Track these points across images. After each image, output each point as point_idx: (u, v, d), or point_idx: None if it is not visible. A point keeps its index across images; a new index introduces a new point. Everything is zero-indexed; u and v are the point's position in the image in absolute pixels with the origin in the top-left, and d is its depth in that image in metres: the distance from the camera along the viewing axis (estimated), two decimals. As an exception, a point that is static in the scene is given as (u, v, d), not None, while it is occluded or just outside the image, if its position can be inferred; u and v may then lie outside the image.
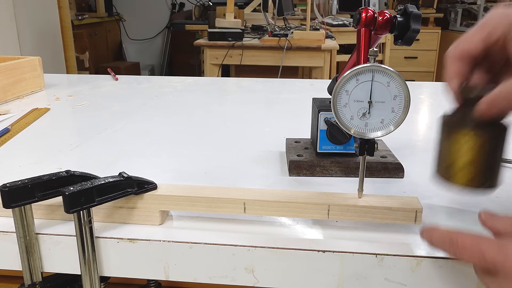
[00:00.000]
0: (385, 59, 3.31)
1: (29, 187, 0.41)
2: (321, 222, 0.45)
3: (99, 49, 4.41)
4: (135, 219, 0.45)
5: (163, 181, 0.46)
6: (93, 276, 0.42)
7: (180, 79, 1.24)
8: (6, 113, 0.86)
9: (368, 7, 0.45)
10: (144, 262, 0.43)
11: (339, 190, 0.52)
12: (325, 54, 2.48)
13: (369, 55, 0.41)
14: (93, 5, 4.46)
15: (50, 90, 1.09)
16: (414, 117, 0.87)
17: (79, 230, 0.41)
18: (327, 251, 0.40)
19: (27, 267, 0.43)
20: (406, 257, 0.40)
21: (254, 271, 0.42)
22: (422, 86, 1.22)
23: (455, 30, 4.16)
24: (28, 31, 2.53)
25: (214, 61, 2.55)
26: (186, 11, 4.94)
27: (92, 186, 0.40)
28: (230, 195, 0.44)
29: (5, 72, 0.96)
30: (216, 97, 1.07)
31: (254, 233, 0.44)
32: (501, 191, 0.53)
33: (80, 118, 0.86)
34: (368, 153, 0.43)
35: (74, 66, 3.16)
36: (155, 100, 1.00)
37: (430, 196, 0.51)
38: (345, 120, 0.42)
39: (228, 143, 0.71)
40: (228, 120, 0.85)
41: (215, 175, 0.57)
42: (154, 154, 0.65)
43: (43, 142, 0.71)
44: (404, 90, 0.41)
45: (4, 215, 0.45)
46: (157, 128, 0.79)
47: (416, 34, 0.45)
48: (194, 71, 4.56)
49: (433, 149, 0.43)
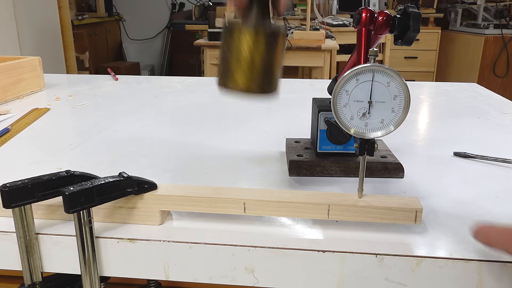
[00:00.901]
0: (385, 59, 3.31)
1: (29, 187, 0.41)
2: (321, 222, 0.45)
3: (99, 49, 4.41)
4: (135, 219, 0.45)
5: (163, 181, 0.46)
6: (93, 276, 0.42)
7: (180, 79, 1.24)
8: (6, 113, 0.86)
9: (368, 7, 0.45)
10: (144, 262, 0.43)
11: (339, 190, 0.53)
12: (325, 54, 2.48)
13: (369, 55, 0.41)
14: (93, 5, 4.45)
15: (50, 90, 1.09)
16: (414, 117, 0.87)
17: (79, 230, 0.41)
18: (327, 251, 0.40)
19: (27, 267, 0.43)
20: (406, 257, 0.40)
21: (254, 271, 0.42)
22: (422, 86, 1.22)
23: (455, 30, 4.16)
24: (28, 31, 2.53)
25: (214, 61, 2.55)
26: (186, 11, 4.94)
27: (92, 186, 0.40)
28: (230, 195, 0.44)
29: (5, 72, 0.96)
30: (216, 97, 1.07)
31: (254, 233, 0.44)
32: (501, 191, 0.53)
33: (80, 118, 0.86)
34: (368, 153, 0.43)
35: (74, 66, 3.16)
36: (155, 100, 1.00)
37: (430, 196, 0.51)
38: (345, 120, 0.42)
39: (228, 143, 0.71)
40: (228, 120, 0.85)
41: (215, 175, 0.57)
42: (154, 154, 0.65)
43: (43, 142, 0.71)
44: (404, 90, 0.41)
45: (4, 215, 0.45)
46: (157, 128, 0.79)
47: (416, 34, 0.45)
48: (194, 71, 4.56)
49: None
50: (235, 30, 0.40)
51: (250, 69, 0.40)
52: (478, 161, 0.63)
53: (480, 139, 0.73)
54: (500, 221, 0.46)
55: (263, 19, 0.41)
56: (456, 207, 0.49)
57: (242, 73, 0.40)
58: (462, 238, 0.42)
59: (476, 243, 0.41)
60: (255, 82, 0.40)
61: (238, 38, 0.40)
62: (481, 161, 0.63)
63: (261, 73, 0.40)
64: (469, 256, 0.39)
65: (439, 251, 0.40)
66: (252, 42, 0.39)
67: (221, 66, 0.42)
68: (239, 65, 0.40)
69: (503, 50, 3.76)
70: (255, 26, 0.40)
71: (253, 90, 0.41)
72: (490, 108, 0.93)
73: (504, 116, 0.86)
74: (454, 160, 0.63)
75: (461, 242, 0.42)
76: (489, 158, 0.62)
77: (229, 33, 0.40)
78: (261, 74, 0.40)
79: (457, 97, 1.05)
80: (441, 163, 0.62)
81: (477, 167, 0.61)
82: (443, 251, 0.40)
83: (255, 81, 0.40)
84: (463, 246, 0.41)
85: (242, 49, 0.40)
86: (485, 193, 0.52)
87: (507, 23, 3.81)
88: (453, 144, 0.70)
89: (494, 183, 0.55)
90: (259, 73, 0.40)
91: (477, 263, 0.39)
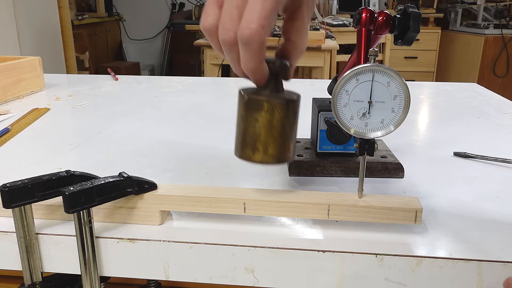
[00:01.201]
0: (385, 59, 3.31)
1: (29, 187, 0.41)
2: (321, 222, 0.45)
3: (99, 49, 4.42)
4: (135, 219, 0.45)
5: (163, 181, 0.46)
6: (93, 276, 0.42)
7: (180, 79, 1.24)
8: (6, 113, 0.86)
9: (368, 7, 0.45)
10: (144, 262, 0.43)
11: (339, 190, 0.53)
12: (325, 54, 2.48)
13: (369, 55, 0.41)
14: (93, 5, 4.45)
15: (50, 90, 1.09)
16: (414, 117, 0.87)
17: (79, 230, 0.41)
18: (327, 251, 0.40)
19: (27, 267, 0.43)
20: (406, 257, 0.40)
21: (254, 271, 0.42)
22: (422, 86, 1.22)
23: (455, 30, 4.16)
24: (28, 31, 2.53)
25: (214, 61, 2.55)
26: (186, 11, 4.94)
27: (92, 186, 0.40)
28: (230, 195, 0.44)
29: (5, 72, 0.96)
30: (216, 97, 1.07)
31: (254, 233, 0.44)
32: (501, 191, 0.53)
33: (80, 118, 0.86)
34: (368, 153, 0.43)
35: (74, 66, 3.16)
36: (155, 100, 1.00)
37: (430, 196, 0.51)
38: (345, 120, 0.42)
39: (228, 143, 0.70)
40: (228, 120, 0.85)
41: (215, 175, 0.57)
42: (154, 154, 0.65)
43: (43, 142, 0.71)
44: (404, 90, 0.41)
45: (4, 215, 0.45)
46: (157, 128, 0.79)
47: (416, 34, 0.45)
48: (194, 71, 4.56)
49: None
50: (255, 103, 0.40)
51: (274, 141, 0.40)
52: (478, 161, 0.63)
53: (480, 139, 0.73)
54: (500, 221, 0.46)
55: (278, 90, 0.41)
56: (456, 207, 0.49)
57: (256, 147, 0.40)
58: (462, 238, 0.43)
59: (476, 243, 0.41)
60: (279, 153, 0.41)
61: (259, 112, 0.40)
62: (481, 161, 0.63)
63: (282, 144, 0.41)
64: (469, 256, 0.39)
65: (439, 251, 0.40)
66: (280, 116, 0.40)
67: (240, 137, 0.42)
68: (260, 138, 0.40)
69: (503, 50, 3.76)
70: (280, 99, 0.40)
71: (275, 161, 0.41)
72: (490, 108, 0.93)
73: (504, 116, 0.86)
74: (454, 160, 0.63)
75: (461, 242, 0.42)
76: (489, 158, 0.62)
77: (250, 106, 0.40)
78: (282, 144, 0.41)
79: (457, 97, 1.05)
80: (441, 163, 0.62)
81: (477, 167, 0.61)
82: (443, 251, 0.40)
83: (279, 152, 0.41)
84: (463, 246, 0.41)
85: (266, 122, 0.40)
86: (485, 193, 0.52)
87: (507, 23, 3.81)
88: (453, 144, 0.70)
89: (494, 183, 0.55)
90: (280, 144, 0.41)
91: (477, 263, 0.39)
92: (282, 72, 0.41)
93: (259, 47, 0.36)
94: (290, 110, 0.40)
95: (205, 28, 0.39)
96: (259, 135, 0.40)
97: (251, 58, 0.37)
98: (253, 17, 0.35)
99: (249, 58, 0.37)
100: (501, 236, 0.43)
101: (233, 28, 0.36)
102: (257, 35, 0.35)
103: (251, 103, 0.40)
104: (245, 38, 0.35)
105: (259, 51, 0.37)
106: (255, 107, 0.40)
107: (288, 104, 0.40)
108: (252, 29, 0.35)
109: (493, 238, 0.42)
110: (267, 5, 0.35)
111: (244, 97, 0.40)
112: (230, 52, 0.38)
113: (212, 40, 0.39)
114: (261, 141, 0.40)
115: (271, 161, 0.41)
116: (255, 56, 0.37)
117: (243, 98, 0.40)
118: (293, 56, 0.42)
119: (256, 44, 0.36)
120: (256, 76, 0.39)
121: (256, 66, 0.38)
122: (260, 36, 0.35)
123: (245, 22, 0.35)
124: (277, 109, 0.39)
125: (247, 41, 0.36)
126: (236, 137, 0.42)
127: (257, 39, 0.36)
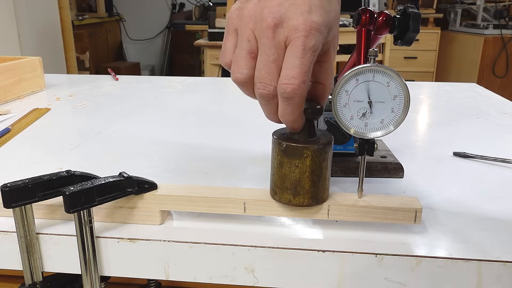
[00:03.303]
0: (385, 59, 3.31)
1: (30, 187, 0.41)
2: (321, 222, 0.45)
3: (100, 49, 4.42)
4: (136, 219, 0.45)
5: (163, 181, 0.46)
6: (94, 276, 0.42)
7: (180, 79, 1.25)
8: (6, 113, 0.86)
9: (368, 7, 0.45)
10: (144, 262, 0.43)
11: (339, 190, 0.53)
12: (325, 54, 2.47)
13: (369, 55, 0.41)
14: (93, 5, 4.46)
15: (51, 90, 1.09)
16: (414, 117, 0.87)
17: (80, 230, 0.41)
18: (327, 251, 0.41)
19: (28, 267, 0.43)
20: (406, 257, 0.40)
21: (254, 271, 0.42)
22: (422, 86, 1.22)
23: (454, 30, 4.16)
24: (29, 31, 2.53)
25: (214, 61, 2.55)
26: (186, 11, 4.94)
27: (92, 186, 0.40)
28: (230, 195, 0.44)
29: (5, 72, 0.96)
30: (216, 97, 1.07)
31: (254, 233, 0.44)
32: (501, 191, 0.53)
33: (80, 118, 0.86)
34: (368, 153, 0.43)
35: (75, 66, 3.16)
36: (155, 100, 1.00)
37: (430, 196, 0.51)
38: (345, 120, 0.42)
39: (228, 143, 0.71)
40: (228, 120, 0.85)
41: (215, 175, 0.57)
42: (154, 154, 0.65)
43: (44, 142, 0.71)
44: (404, 90, 0.41)
45: (5, 215, 0.45)
46: (157, 128, 0.79)
47: (416, 34, 0.45)
48: (194, 71, 4.57)
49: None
50: (294, 150, 0.40)
51: (314, 184, 0.41)
52: (477, 161, 0.63)
53: (479, 139, 0.73)
54: (500, 221, 0.46)
55: (313, 134, 0.41)
56: (456, 207, 0.49)
57: (311, 188, 0.41)
58: (461, 238, 0.43)
59: (475, 243, 0.41)
60: (318, 194, 0.42)
61: (299, 159, 0.40)
62: (480, 161, 0.63)
63: (321, 185, 0.42)
64: (468, 256, 0.39)
65: (439, 251, 0.40)
66: (319, 160, 0.40)
67: (279, 182, 0.42)
68: (301, 183, 0.41)
69: (503, 50, 3.76)
70: (318, 144, 0.40)
71: (315, 203, 0.42)
72: (489, 108, 0.93)
73: (504, 116, 0.87)
74: (454, 160, 0.63)
75: (460, 242, 0.42)
76: (488, 158, 0.62)
77: (288, 153, 0.40)
78: (321, 186, 0.42)
79: (456, 97, 1.05)
80: (440, 163, 0.63)
81: (477, 167, 0.61)
82: (442, 251, 0.40)
83: (318, 193, 0.42)
84: (463, 246, 0.41)
85: (306, 168, 0.40)
86: (485, 193, 0.52)
87: (506, 23, 3.81)
88: (452, 144, 0.70)
89: (493, 183, 0.55)
90: (320, 186, 0.41)
91: (477, 263, 0.39)
92: (317, 117, 0.41)
93: (301, 101, 0.37)
94: (327, 154, 0.41)
95: (240, 81, 0.39)
96: (300, 180, 0.41)
97: (291, 111, 0.38)
98: (294, 73, 0.36)
99: (289, 112, 0.38)
100: (500, 236, 0.43)
101: (273, 83, 0.37)
102: (299, 90, 0.36)
103: (289, 150, 0.40)
104: (288, 94, 0.36)
105: (300, 105, 0.38)
106: (294, 154, 0.40)
107: (326, 148, 0.40)
108: (295, 85, 0.36)
109: (492, 238, 0.43)
110: (306, 59, 0.36)
111: (281, 145, 0.41)
112: (267, 105, 0.39)
113: (246, 90, 0.40)
114: (302, 185, 0.41)
115: (312, 203, 0.42)
116: (296, 109, 0.38)
117: (280, 145, 0.41)
118: (323, 97, 0.42)
119: (298, 98, 0.37)
120: (294, 125, 0.40)
121: (296, 118, 0.39)
122: (302, 91, 0.36)
123: (286, 78, 0.36)
124: (316, 155, 0.40)
125: (289, 96, 0.36)
126: (273, 181, 0.43)
127: (299, 94, 0.36)
